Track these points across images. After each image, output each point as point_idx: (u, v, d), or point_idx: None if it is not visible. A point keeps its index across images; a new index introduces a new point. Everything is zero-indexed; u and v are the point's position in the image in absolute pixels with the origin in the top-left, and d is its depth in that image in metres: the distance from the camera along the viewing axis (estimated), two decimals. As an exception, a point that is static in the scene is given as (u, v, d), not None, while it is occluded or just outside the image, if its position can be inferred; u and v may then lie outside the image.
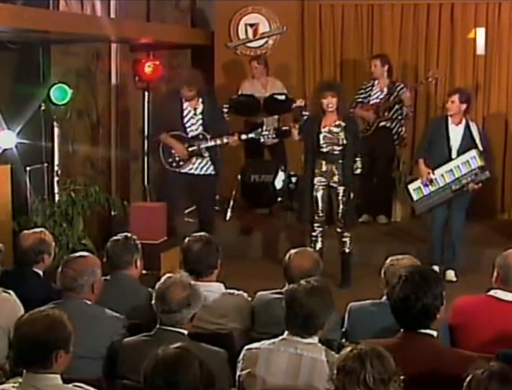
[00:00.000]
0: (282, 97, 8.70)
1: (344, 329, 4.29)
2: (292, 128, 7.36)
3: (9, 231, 6.33)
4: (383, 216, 8.89)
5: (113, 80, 8.56)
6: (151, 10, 9.03)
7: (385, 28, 9.44)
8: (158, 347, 2.99)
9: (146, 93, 8.92)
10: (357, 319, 4.24)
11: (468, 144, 7.21)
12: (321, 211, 7.08)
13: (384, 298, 4.15)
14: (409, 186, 7.50)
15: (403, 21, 9.40)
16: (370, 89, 8.66)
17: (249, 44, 9.63)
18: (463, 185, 7.24)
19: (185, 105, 7.52)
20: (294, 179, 8.70)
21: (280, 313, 3.60)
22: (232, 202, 8.77)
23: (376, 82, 8.63)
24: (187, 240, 4.62)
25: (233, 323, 4.32)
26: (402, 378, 2.85)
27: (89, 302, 4.06)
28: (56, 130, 7.08)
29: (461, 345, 3.94)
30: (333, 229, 7.15)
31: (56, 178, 7.08)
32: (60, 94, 6.70)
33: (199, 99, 7.51)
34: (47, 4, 6.92)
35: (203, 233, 4.75)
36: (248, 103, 8.76)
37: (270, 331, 3.82)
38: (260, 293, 4.52)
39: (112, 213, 7.76)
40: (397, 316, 3.46)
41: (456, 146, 7.22)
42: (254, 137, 7.85)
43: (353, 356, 2.85)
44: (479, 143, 7.22)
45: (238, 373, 3.57)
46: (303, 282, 3.59)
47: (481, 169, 7.20)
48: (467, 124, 7.23)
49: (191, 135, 7.55)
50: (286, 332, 3.54)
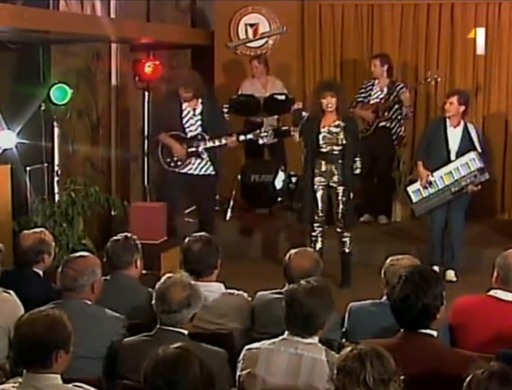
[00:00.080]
0: (282, 97, 8.71)
1: (344, 329, 4.29)
2: (293, 132, 7.36)
3: (9, 231, 6.32)
4: (383, 216, 8.89)
5: (113, 80, 8.56)
6: (151, 10, 9.03)
7: (385, 28, 9.44)
8: (159, 347, 3.00)
9: (146, 93, 8.92)
10: (357, 319, 4.24)
11: (467, 146, 7.21)
12: (321, 211, 7.08)
13: (384, 298, 4.15)
14: (408, 188, 7.50)
15: (403, 21, 9.40)
16: (370, 89, 8.66)
17: (249, 44, 9.63)
18: (462, 187, 7.23)
19: (184, 105, 7.52)
20: (294, 179, 8.70)
21: (280, 313, 3.59)
22: (232, 202, 8.77)
23: (376, 82, 8.64)
24: (187, 240, 4.62)
25: (233, 323, 4.32)
26: (402, 378, 2.85)
27: (89, 302, 4.06)
28: (56, 130, 7.08)
29: (461, 345, 3.94)
30: (333, 229, 7.16)
31: (56, 178, 7.08)
32: (60, 94, 6.70)
33: (198, 100, 7.51)
34: (47, 4, 6.92)
35: (203, 233, 4.75)
36: (248, 103, 8.76)
37: (270, 331, 3.82)
38: (260, 293, 4.52)
39: (112, 213, 7.77)
40: (397, 316, 3.46)
41: (454, 148, 7.22)
42: (252, 138, 7.85)
43: (353, 356, 2.85)
44: (478, 145, 7.22)
45: (238, 373, 3.57)
46: (303, 282, 3.59)
47: (480, 171, 7.20)
48: (465, 126, 7.23)
49: (190, 135, 7.55)
50: (286, 332, 3.53)
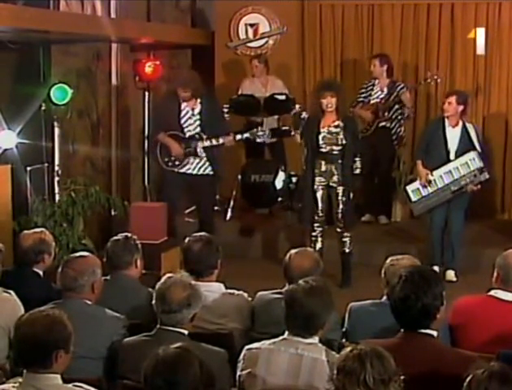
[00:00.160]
0: (282, 97, 8.70)
1: (344, 329, 4.29)
2: (294, 133, 7.36)
3: (9, 231, 6.32)
4: (383, 216, 8.89)
5: (113, 80, 8.56)
6: (151, 10, 9.03)
7: (385, 28, 9.43)
8: (159, 347, 2.99)
9: (146, 93, 8.93)
10: (357, 319, 4.24)
11: (466, 145, 7.21)
12: (321, 211, 7.08)
13: (384, 298, 4.15)
14: (407, 187, 7.50)
15: (403, 21, 9.40)
16: (370, 89, 8.66)
17: (250, 44, 9.63)
18: (462, 186, 7.24)
19: (183, 105, 7.53)
20: (294, 179, 8.70)
21: (280, 313, 3.59)
22: (233, 202, 8.77)
23: (377, 81, 8.63)
24: (187, 240, 4.62)
25: (233, 323, 4.32)
26: (402, 378, 2.85)
27: (89, 302, 4.05)
28: (56, 130, 7.09)
29: (461, 345, 3.94)
30: (333, 229, 7.16)
31: (56, 178, 7.09)
32: (60, 94, 6.70)
33: (197, 100, 7.51)
34: (47, 4, 6.92)
35: (203, 233, 4.75)
36: (248, 103, 8.76)
37: (270, 331, 3.82)
38: (260, 293, 4.52)
39: (112, 213, 7.77)
40: (397, 316, 3.46)
41: (454, 148, 7.22)
42: (249, 137, 7.85)
43: (353, 356, 2.85)
44: (477, 144, 7.23)
45: (238, 373, 3.57)
46: (301, 282, 3.59)
47: (480, 170, 7.20)
48: (464, 126, 7.23)
49: (188, 135, 7.56)
50: (286, 332, 3.53)
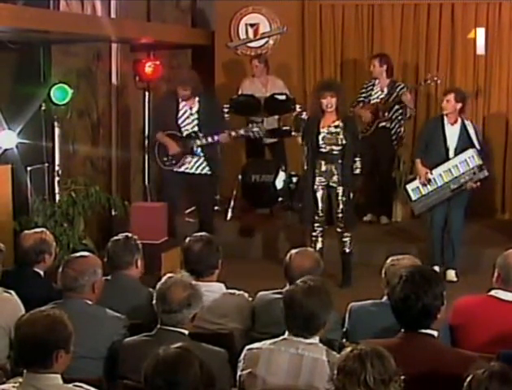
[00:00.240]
0: (282, 97, 8.70)
1: (344, 329, 4.29)
2: (295, 134, 7.37)
3: (10, 231, 6.32)
4: (384, 217, 8.89)
5: (113, 80, 8.56)
6: (151, 10, 9.03)
7: (386, 28, 9.43)
8: (159, 347, 2.99)
9: (147, 93, 8.93)
10: (357, 319, 4.24)
11: (465, 143, 7.22)
12: (321, 211, 7.08)
13: (385, 298, 4.15)
14: (407, 186, 7.50)
15: (403, 21, 9.40)
16: (371, 89, 8.66)
17: (250, 44, 9.63)
18: (462, 184, 7.24)
19: (182, 104, 7.54)
20: (295, 179, 8.69)
21: (281, 313, 3.59)
22: (233, 202, 8.76)
23: (377, 81, 8.63)
24: (187, 240, 4.62)
25: (234, 323, 4.32)
26: (403, 378, 2.85)
27: (90, 302, 4.05)
28: (57, 130, 7.10)
29: (461, 345, 3.94)
30: (333, 229, 7.16)
31: (57, 178, 7.09)
32: (61, 94, 6.70)
33: (195, 98, 7.52)
34: (48, 4, 6.93)
35: (204, 233, 4.76)
36: (248, 103, 8.76)
37: (270, 331, 3.82)
38: (261, 293, 4.52)
39: (113, 213, 7.77)
40: (398, 316, 3.46)
41: (453, 146, 7.23)
42: (244, 134, 7.85)
43: (353, 356, 2.85)
44: (476, 142, 7.23)
45: (239, 373, 3.57)
46: (299, 282, 3.58)
47: (479, 168, 7.21)
48: (463, 123, 7.24)
49: (185, 134, 7.56)
50: (287, 332, 3.53)
